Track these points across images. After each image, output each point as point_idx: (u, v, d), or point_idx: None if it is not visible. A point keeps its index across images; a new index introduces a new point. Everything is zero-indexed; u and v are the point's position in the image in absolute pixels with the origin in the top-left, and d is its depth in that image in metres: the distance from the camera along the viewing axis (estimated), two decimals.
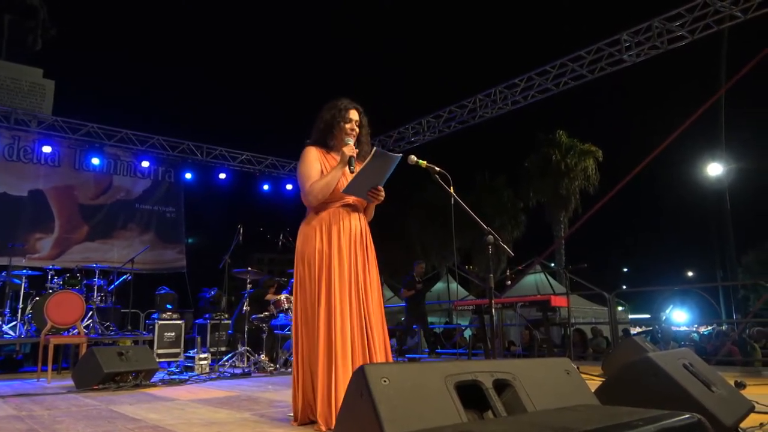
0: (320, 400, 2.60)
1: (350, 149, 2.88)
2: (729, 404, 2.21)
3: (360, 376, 1.56)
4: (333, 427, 2.52)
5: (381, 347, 2.79)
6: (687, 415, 0.91)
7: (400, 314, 15.12)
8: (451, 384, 1.63)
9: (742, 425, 2.18)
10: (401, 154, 2.83)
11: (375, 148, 2.77)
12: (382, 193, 2.92)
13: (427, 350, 9.22)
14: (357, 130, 2.99)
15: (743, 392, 2.66)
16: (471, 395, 1.68)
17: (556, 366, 1.98)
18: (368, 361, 2.68)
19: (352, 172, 2.84)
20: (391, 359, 2.98)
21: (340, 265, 2.79)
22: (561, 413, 1.03)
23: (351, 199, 2.92)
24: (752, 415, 2.38)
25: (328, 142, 2.99)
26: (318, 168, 2.90)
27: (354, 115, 3.00)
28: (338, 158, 2.91)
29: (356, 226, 2.91)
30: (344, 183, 2.84)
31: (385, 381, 1.53)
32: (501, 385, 1.74)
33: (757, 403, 2.52)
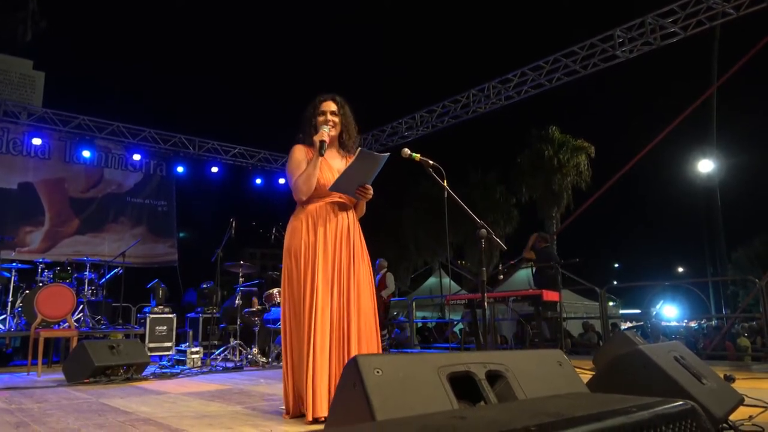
0: (308, 393, 2.63)
1: (319, 135, 2.90)
2: (719, 396, 2.22)
3: (353, 367, 1.56)
4: (317, 417, 2.54)
5: (368, 342, 2.79)
6: (681, 402, 0.92)
7: (392, 309, 15.15)
8: (444, 375, 1.63)
9: (732, 417, 2.19)
10: (388, 154, 2.82)
11: (360, 148, 2.78)
12: (371, 191, 2.93)
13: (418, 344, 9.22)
14: (334, 119, 3.00)
15: (732, 386, 2.68)
16: (464, 386, 1.68)
17: (549, 357, 1.99)
18: (345, 356, 2.72)
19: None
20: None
21: (324, 258, 2.80)
22: (553, 400, 1.03)
23: (340, 195, 2.92)
24: (741, 408, 2.40)
25: (311, 137, 3.01)
26: (303, 164, 2.93)
27: (328, 106, 3.02)
28: None
29: (343, 220, 2.92)
30: (331, 179, 2.84)
31: (377, 372, 1.53)
32: (493, 376, 1.75)
33: (747, 396, 2.55)
